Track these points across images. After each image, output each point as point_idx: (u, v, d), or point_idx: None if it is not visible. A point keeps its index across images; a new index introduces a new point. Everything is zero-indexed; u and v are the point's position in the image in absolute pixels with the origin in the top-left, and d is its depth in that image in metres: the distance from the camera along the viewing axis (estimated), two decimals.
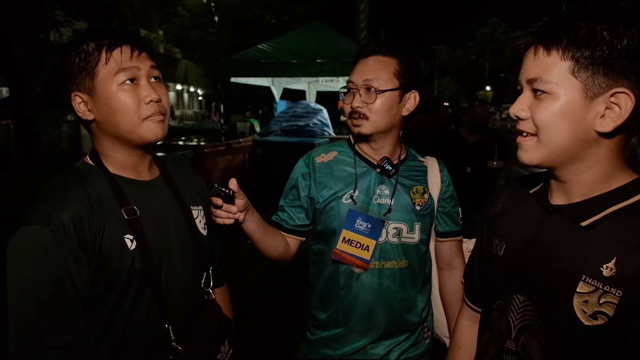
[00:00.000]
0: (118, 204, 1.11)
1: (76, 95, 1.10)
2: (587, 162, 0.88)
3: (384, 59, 1.46)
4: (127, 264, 1.09)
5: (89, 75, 1.08)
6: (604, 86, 0.82)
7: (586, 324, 0.85)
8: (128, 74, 1.09)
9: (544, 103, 0.86)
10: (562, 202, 0.95)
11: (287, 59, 8.35)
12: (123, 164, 1.17)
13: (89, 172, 1.14)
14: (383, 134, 1.49)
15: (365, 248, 1.47)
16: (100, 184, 1.12)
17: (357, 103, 1.45)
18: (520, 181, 1.11)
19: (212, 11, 20.88)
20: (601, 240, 0.86)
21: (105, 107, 1.09)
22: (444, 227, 1.59)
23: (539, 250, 0.95)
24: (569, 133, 0.85)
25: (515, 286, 0.99)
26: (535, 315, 0.95)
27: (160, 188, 1.24)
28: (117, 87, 1.08)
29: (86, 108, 1.10)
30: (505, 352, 1.01)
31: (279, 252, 1.54)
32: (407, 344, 1.56)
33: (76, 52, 1.08)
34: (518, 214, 1.05)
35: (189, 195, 1.31)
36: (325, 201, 1.52)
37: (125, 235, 1.10)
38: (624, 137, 0.87)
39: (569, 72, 0.83)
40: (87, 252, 1.05)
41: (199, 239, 1.28)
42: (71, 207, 1.04)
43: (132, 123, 1.10)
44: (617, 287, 0.82)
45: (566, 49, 0.83)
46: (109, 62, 1.08)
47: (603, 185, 0.89)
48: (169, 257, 1.19)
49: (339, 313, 1.53)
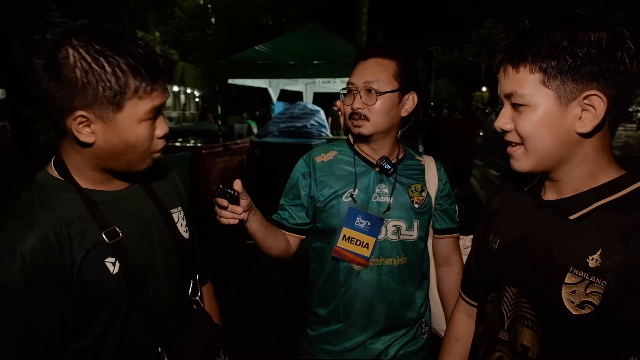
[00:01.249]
0: (96, 226, 0.99)
1: (79, 115, 0.93)
2: (575, 161, 0.93)
3: (384, 61, 1.49)
4: (110, 289, 0.99)
5: (114, 105, 0.94)
6: (575, 91, 0.86)
7: (574, 314, 0.88)
8: (155, 111, 1.00)
9: (524, 115, 0.91)
10: (553, 198, 0.99)
11: (284, 60, 8.38)
12: (99, 179, 1.04)
13: (58, 189, 0.99)
14: (383, 134, 1.52)
15: (365, 245, 1.50)
16: (72, 203, 0.98)
17: (357, 104, 1.48)
18: (516, 179, 1.15)
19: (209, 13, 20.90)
20: (588, 233, 0.90)
21: (119, 140, 0.97)
22: (442, 224, 1.62)
23: (531, 243, 0.99)
24: (551, 139, 0.90)
25: (508, 279, 1.03)
26: (528, 306, 0.98)
27: (137, 195, 1.13)
28: (140, 123, 0.98)
29: (89, 130, 0.95)
30: (498, 343, 1.05)
31: (280, 250, 1.57)
32: (406, 338, 1.59)
33: (96, 69, 0.91)
34: (512, 210, 1.10)
35: (167, 198, 1.21)
36: (326, 200, 1.54)
37: (105, 260, 0.99)
38: (605, 133, 0.91)
39: (540, 84, 0.88)
40: (62, 282, 0.92)
41: (183, 245, 1.20)
42: (38, 233, 0.91)
43: (138, 158, 1.02)
44: (602, 277, 0.86)
45: (532, 63, 0.88)
46: (143, 99, 0.96)
47: (591, 180, 0.93)
48: (155, 273, 1.10)
49: (338, 309, 1.55)
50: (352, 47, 8.14)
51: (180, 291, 1.19)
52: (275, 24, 20.61)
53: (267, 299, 4.09)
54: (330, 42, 8.92)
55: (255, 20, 19.97)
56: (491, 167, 12.65)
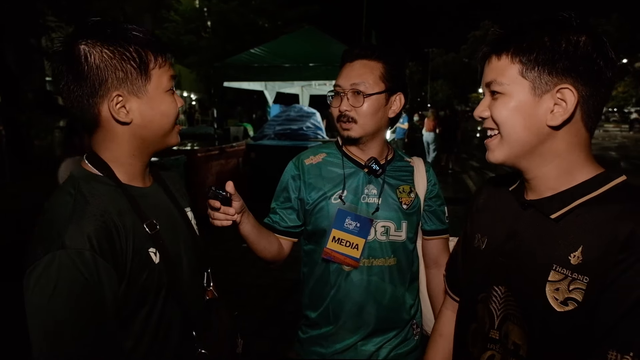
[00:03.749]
0: (138, 218, 1.06)
1: (115, 95, 1.01)
2: (546, 156, 0.96)
3: (370, 62, 1.50)
4: (155, 278, 1.05)
5: (143, 76, 1.03)
6: (550, 84, 0.92)
7: (558, 310, 0.91)
8: (173, 81, 1.10)
9: (500, 101, 0.97)
10: (534, 198, 1.02)
11: (280, 63, 8.36)
12: (134, 172, 1.11)
13: (100, 184, 1.05)
14: (371, 136, 1.53)
15: (355, 247, 1.51)
16: (116, 197, 1.04)
17: (345, 107, 1.48)
18: (500, 179, 1.19)
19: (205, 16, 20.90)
20: (569, 231, 0.93)
21: (154, 111, 1.06)
22: (430, 225, 1.63)
23: (516, 243, 1.02)
24: (523, 127, 0.95)
25: (496, 278, 1.06)
26: (515, 304, 1.00)
27: (159, 194, 1.21)
28: (166, 92, 1.08)
29: (126, 110, 1.03)
30: (489, 341, 1.07)
31: (272, 254, 1.57)
32: (397, 340, 1.59)
33: (120, 50, 1.00)
34: (498, 210, 1.13)
35: (181, 197, 1.30)
36: (315, 202, 1.55)
37: (149, 249, 1.06)
38: (579, 131, 0.94)
39: (518, 74, 0.94)
40: (119, 272, 0.97)
41: (197, 240, 1.28)
42: (99, 222, 0.96)
43: (170, 128, 1.11)
44: (584, 273, 0.88)
45: (514, 54, 0.95)
46: (162, 68, 1.06)
47: (568, 178, 0.96)
48: (181, 264, 1.17)
49: (329, 311, 1.55)
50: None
51: (199, 281, 1.27)
52: (271, 27, 20.65)
53: (262, 303, 4.09)
54: (325, 44, 8.92)
55: (251, 23, 20.00)
56: (488, 169, 12.68)
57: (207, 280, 1.31)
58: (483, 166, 13.38)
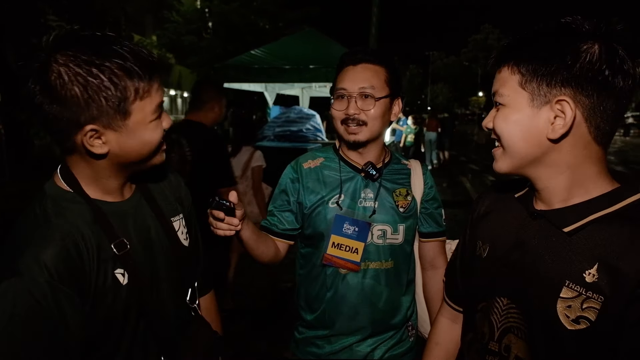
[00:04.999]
0: (106, 238, 1.00)
1: (89, 129, 0.94)
2: (555, 168, 0.93)
3: (374, 67, 1.50)
4: (121, 300, 1.00)
5: (121, 113, 0.95)
6: (549, 95, 0.89)
7: (569, 328, 0.87)
8: (159, 108, 1.03)
9: (500, 113, 0.96)
10: (544, 208, 0.98)
11: (281, 64, 8.36)
12: (108, 189, 1.06)
13: (68, 201, 0.99)
14: (375, 139, 1.54)
15: (355, 251, 1.51)
16: (82, 214, 0.99)
17: (354, 110, 1.48)
18: (505, 185, 1.14)
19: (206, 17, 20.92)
20: (583, 247, 0.89)
21: (135, 141, 1.00)
22: (427, 227, 1.63)
23: (523, 254, 0.98)
24: (521, 139, 0.93)
25: (498, 289, 1.02)
26: (520, 317, 0.97)
27: (140, 205, 1.14)
28: (150, 122, 1.01)
29: (101, 141, 0.97)
30: (488, 353, 1.03)
31: (270, 257, 1.57)
32: (392, 341, 1.59)
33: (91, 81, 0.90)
34: (503, 217, 1.08)
35: (168, 206, 1.22)
36: (313, 206, 1.55)
37: (116, 271, 1.00)
38: (588, 143, 0.90)
39: (518, 85, 0.93)
40: (82, 294, 0.93)
41: (182, 254, 1.21)
42: (59, 245, 0.91)
43: (152, 154, 1.06)
44: (599, 292, 0.84)
45: (514, 65, 0.93)
46: (145, 99, 0.98)
47: (580, 191, 0.92)
48: (157, 283, 1.11)
49: (325, 313, 1.56)
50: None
51: (180, 299, 1.21)
52: (271, 28, 20.66)
53: (259, 304, 4.09)
54: (326, 46, 8.93)
55: (252, 24, 20.01)
56: (487, 172, 12.68)
57: (192, 297, 1.24)
58: (482, 170, 13.38)
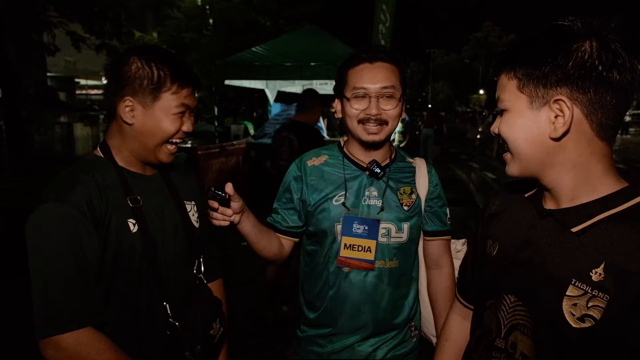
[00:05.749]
0: (124, 193, 1.25)
1: (127, 99, 1.24)
2: (561, 167, 0.94)
3: (391, 66, 1.50)
4: (129, 244, 1.22)
5: (153, 94, 1.25)
6: (546, 96, 0.91)
7: (574, 326, 0.87)
8: (183, 107, 1.29)
9: (504, 118, 0.99)
10: (553, 207, 0.99)
11: (281, 61, 8.35)
12: (132, 161, 1.32)
13: (99, 163, 1.28)
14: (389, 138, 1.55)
15: (368, 249, 1.50)
16: (108, 174, 1.26)
17: (376, 110, 1.46)
18: (516, 185, 1.15)
19: (207, 14, 20.86)
20: (591, 246, 0.89)
21: (153, 123, 1.26)
22: (431, 226, 1.61)
23: (531, 252, 0.98)
24: (525, 141, 0.95)
25: (506, 286, 1.03)
26: (526, 315, 0.98)
27: (159, 183, 1.38)
28: (171, 114, 1.27)
29: (132, 113, 1.25)
30: (494, 350, 1.04)
31: (273, 253, 1.58)
32: (394, 342, 1.58)
33: (146, 68, 1.24)
34: (512, 217, 1.09)
35: (184, 191, 1.44)
36: (317, 203, 1.55)
37: (128, 220, 1.24)
38: (591, 140, 0.91)
39: (516, 89, 0.95)
40: (98, 230, 1.17)
41: (191, 229, 1.41)
42: (83, 189, 1.17)
43: (161, 141, 1.29)
44: (605, 291, 0.85)
45: (510, 70, 0.96)
46: (175, 94, 1.27)
47: (588, 190, 0.93)
48: (165, 243, 1.31)
49: (327, 311, 1.55)
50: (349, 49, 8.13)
51: (187, 265, 1.39)
52: (272, 25, 20.60)
53: (262, 301, 4.09)
54: (327, 44, 8.92)
55: (253, 21, 19.96)
56: (487, 170, 12.69)
57: (198, 267, 1.42)
58: (482, 167, 13.38)
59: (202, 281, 1.42)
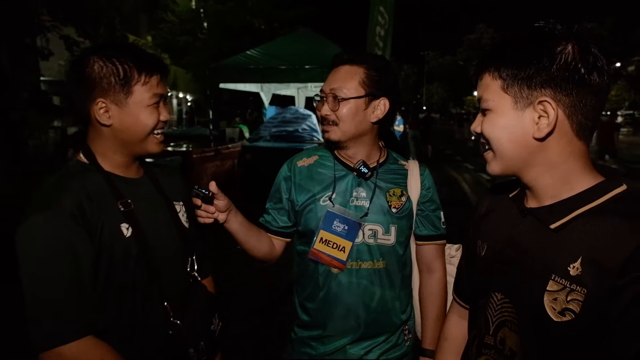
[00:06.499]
0: (114, 198, 1.24)
1: (100, 101, 1.22)
2: (542, 167, 0.96)
3: (352, 68, 1.52)
4: (124, 249, 1.21)
5: (125, 90, 1.23)
6: (530, 97, 0.93)
7: (555, 320, 0.90)
8: (157, 97, 1.27)
9: (487, 118, 1.00)
10: (534, 205, 1.01)
11: (276, 64, 8.37)
12: (117, 164, 1.30)
13: (84, 170, 1.25)
14: (353, 140, 1.54)
15: (342, 249, 1.52)
16: (96, 179, 1.24)
17: (325, 111, 1.52)
18: (503, 186, 1.18)
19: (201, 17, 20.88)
20: (568, 241, 0.92)
21: (132, 119, 1.25)
22: (423, 230, 1.61)
23: (515, 250, 1.02)
24: (508, 141, 0.97)
25: (494, 284, 1.06)
26: (512, 311, 1.00)
27: (146, 185, 1.37)
28: (147, 107, 1.26)
29: (107, 114, 1.23)
30: (484, 347, 1.07)
31: (263, 252, 1.60)
32: (387, 345, 1.58)
33: (109, 66, 1.20)
34: (498, 217, 1.13)
35: (172, 192, 1.43)
36: (304, 203, 1.57)
37: (121, 224, 1.22)
38: (572, 140, 0.94)
39: (500, 89, 0.96)
40: (91, 237, 1.15)
41: (183, 229, 1.41)
42: (73, 197, 1.15)
43: (145, 135, 1.27)
44: (583, 285, 0.87)
45: (495, 70, 0.97)
46: (145, 85, 1.25)
47: (567, 187, 0.96)
48: (160, 243, 1.31)
49: (318, 313, 1.57)
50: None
51: (181, 264, 1.41)
52: (267, 28, 20.63)
53: (258, 303, 4.08)
54: (321, 47, 8.93)
55: (247, 24, 19.99)
56: (482, 171, 12.73)
57: (192, 265, 1.43)
58: (477, 169, 13.42)
59: (196, 279, 1.44)
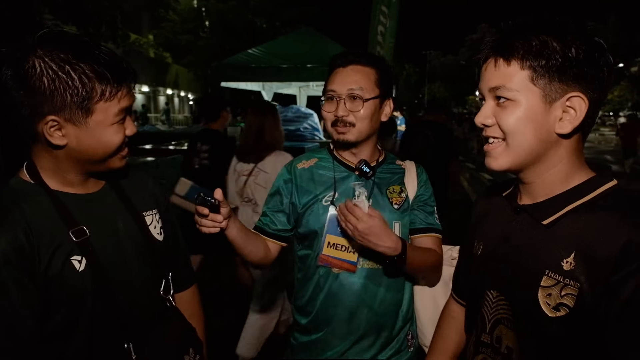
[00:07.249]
0: (64, 225, 1.04)
1: (50, 119, 0.99)
2: (549, 163, 0.95)
3: (364, 68, 1.51)
4: (76, 286, 1.03)
5: (83, 110, 1.00)
6: (560, 91, 0.90)
7: (550, 316, 0.91)
8: (123, 114, 1.07)
9: (509, 109, 0.93)
10: (528, 202, 1.01)
11: (278, 63, 8.36)
12: (69, 181, 1.10)
13: (27, 191, 1.05)
14: (365, 139, 1.54)
15: (351, 251, 1.50)
16: (40, 203, 1.04)
17: (342, 112, 1.49)
18: (497, 186, 1.20)
19: (203, 16, 20.90)
20: (561, 237, 0.93)
21: (92, 140, 1.04)
22: (419, 224, 1.61)
23: (509, 248, 1.02)
24: (533, 136, 0.93)
25: (489, 282, 1.06)
26: (508, 308, 1.00)
27: (108, 198, 1.18)
28: (111, 125, 1.05)
29: (61, 133, 1.02)
30: (481, 345, 1.07)
31: (259, 257, 1.57)
32: (390, 351, 1.56)
33: (62, 77, 0.97)
34: (493, 216, 1.14)
35: (141, 201, 1.26)
36: (306, 205, 1.56)
37: (72, 258, 1.04)
38: (579, 137, 0.95)
39: (528, 80, 0.91)
40: (32, 279, 0.98)
41: (154, 245, 1.24)
42: (10, 233, 0.96)
43: (109, 156, 1.09)
44: (576, 280, 0.88)
45: (524, 59, 0.91)
46: (109, 101, 1.02)
47: (563, 184, 0.96)
48: (124, 271, 1.14)
49: (319, 316, 1.55)
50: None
51: (152, 289, 1.23)
52: (269, 27, 20.65)
53: None
54: (323, 45, 8.91)
55: (249, 23, 20.00)
56: (483, 171, 12.70)
57: (166, 288, 1.26)
58: (478, 168, 13.40)
59: (171, 303, 1.27)
